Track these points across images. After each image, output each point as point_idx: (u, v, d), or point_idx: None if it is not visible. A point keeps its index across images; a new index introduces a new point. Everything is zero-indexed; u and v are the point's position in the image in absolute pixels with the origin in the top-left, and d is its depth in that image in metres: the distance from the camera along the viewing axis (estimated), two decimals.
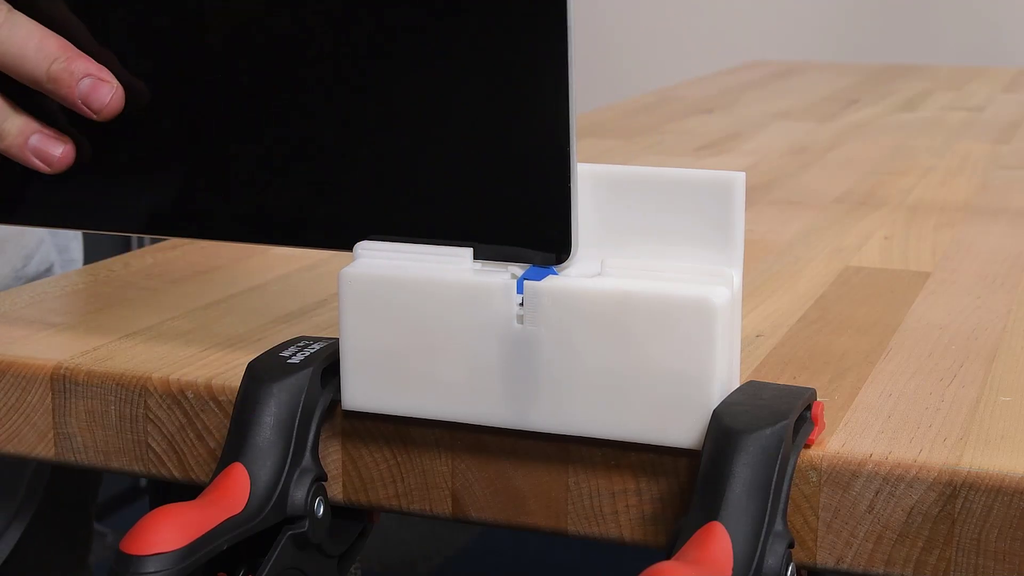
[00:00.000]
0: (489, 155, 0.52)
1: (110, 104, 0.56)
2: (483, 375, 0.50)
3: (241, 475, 0.50)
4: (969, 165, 1.11)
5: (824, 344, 0.61)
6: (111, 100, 0.56)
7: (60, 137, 0.58)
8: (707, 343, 0.48)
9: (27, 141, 0.57)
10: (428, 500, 0.54)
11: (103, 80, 0.56)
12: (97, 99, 0.56)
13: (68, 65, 0.56)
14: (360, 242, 0.54)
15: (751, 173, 1.04)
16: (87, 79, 0.56)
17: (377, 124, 0.54)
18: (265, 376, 0.52)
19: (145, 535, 0.45)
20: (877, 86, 1.68)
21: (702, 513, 0.45)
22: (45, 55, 0.56)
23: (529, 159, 0.51)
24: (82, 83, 0.56)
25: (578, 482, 0.52)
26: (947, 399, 0.54)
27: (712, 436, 0.47)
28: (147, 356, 0.60)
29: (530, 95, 0.50)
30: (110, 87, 0.56)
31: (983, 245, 0.81)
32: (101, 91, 0.56)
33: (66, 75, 0.56)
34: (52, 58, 0.56)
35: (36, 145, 0.57)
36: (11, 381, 0.60)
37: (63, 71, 0.56)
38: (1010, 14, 2.55)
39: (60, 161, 0.58)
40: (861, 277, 0.73)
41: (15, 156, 0.57)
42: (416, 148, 0.53)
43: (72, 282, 0.74)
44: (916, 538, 0.48)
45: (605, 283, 0.49)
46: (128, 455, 0.58)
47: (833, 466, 0.49)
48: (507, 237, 0.52)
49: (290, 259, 0.76)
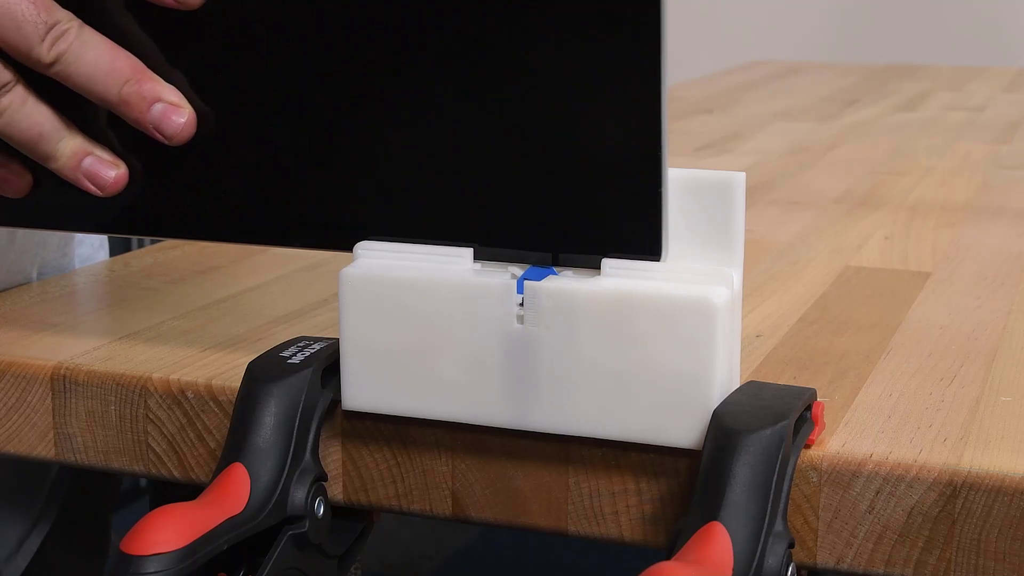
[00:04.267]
0: (579, 158, 0.51)
1: (183, 131, 0.54)
2: (483, 375, 0.50)
3: (241, 475, 0.50)
4: (969, 165, 1.11)
5: (824, 344, 0.61)
6: (184, 126, 0.54)
7: (114, 160, 0.56)
8: (707, 343, 0.48)
9: (80, 163, 0.55)
10: (428, 500, 0.54)
11: (176, 105, 0.54)
12: (170, 125, 0.54)
13: (139, 88, 0.54)
14: (360, 242, 0.54)
15: (751, 173, 1.04)
16: (159, 104, 0.54)
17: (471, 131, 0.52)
18: (265, 376, 0.52)
19: (145, 535, 0.45)
20: (877, 86, 1.68)
21: (702, 513, 0.45)
22: (117, 76, 0.54)
23: (621, 161, 0.50)
24: (154, 108, 0.54)
25: (578, 482, 0.52)
26: (947, 399, 0.54)
27: (712, 436, 0.47)
28: (147, 356, 0.60)
29: (623, 96, 0.49)
30: (182, 112, 0.54)
31: (983, 245, 0.81)
32: (174, 117, 0.54)
33: (137, 99, 0.54)
34: (124, 79, 0.54)
35: (88, 168, 0.55)
36: (11, 381, 0.60)
37: (134, 94, 0.54)
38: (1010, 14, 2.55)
39: (113, 185, 0.56)
40: (861, 277, 0.73)
41: (67, 177, 0.56)
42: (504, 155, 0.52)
43: (72, 282, 0.74)
44: (916, 538, 0.48)
45: (605, 283, 0.49)
46: (128, 455, 0.58)
47: (833, 466, 0.49)
48: (594, 241, 0.51)
49: (290, 259, 0.76)
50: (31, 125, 0.55)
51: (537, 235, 0.52)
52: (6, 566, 0.79)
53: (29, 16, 0.53)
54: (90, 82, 0.54)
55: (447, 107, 0.52)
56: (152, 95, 0.54)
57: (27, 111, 0.54)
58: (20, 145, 0.55)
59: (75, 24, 0.54)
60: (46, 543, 0.82)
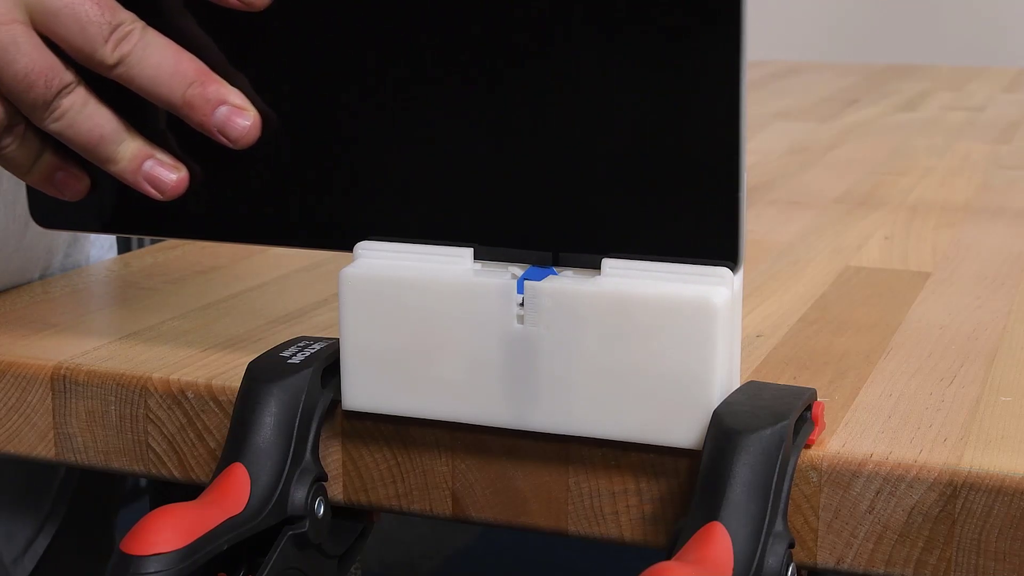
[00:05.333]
0: (656, 165, 0.50)
1: (248, 134, 0.54)
2: (483, 375, 0.50)
3: (241, 475, 0.50)
4: (969, 165, 1.11)
5: (824, 344, 0.61)
6: (249, 129, 0.53)
7: (175, 164, 0.55)
8: (707, 343, 0.48)
9: (141, 167, 0.54)
10: (428, 500, 0.54)
11: (240, 108, 0.53)
12: (234, 128, 0.53)
13: (204, 90, 0.53)
14: (360, 242, 0.54)
15: (751, 173, 1.04)
16: (223, 107, 0.53)
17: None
18: (265, 376, 0.52)
19: (145, 535, 0.45)
20: (877, 86, 1.68)
21: (702, 513, 0.45)
22: (181, 78, 0.53)
23: (699, 167, 0.49)
24: (219, 111, 0.53)
25: (578, 482, 0.52)
26: (947, 399, 0.54)
27: (712, 436, 0.47)
28: (147, 356, 0.60)
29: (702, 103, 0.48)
30: (247, 114, 0.53)
31: (983, 245, 0.81)
32: (239, 119, 0.53)
33: (202, 101, 0.53)
34: (188, 82, 0.53)
35: (149, 172, 0.54)
36: (11, 381, 0.60)
37: (199, 96, 0.53)
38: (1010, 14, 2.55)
39: (173, 189, 0.55)
40: (861, 277, 0.73)
41: (128, 181, 0.55)
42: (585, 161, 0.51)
43: (72, 282, 0.74)
44: (916, 538, 0.48)
45: (605, 283, 0.49)
46: (128, 455, 0.58)
47: (833, 466, 0.49)
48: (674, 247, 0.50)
49: (290, 259, 0.76)
50: (92, 127, 0.54)
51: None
52: (13, 568, 0.79)
53: (93, 17, 0.52)
54: (154, 84, 0.53)
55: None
56: (217, 98, 0.53)
57: (88, 112, 0.54)
58: (80, 147, 0.54)
59: (139, 25, 0.53)
60: (53, 545, 0.82)
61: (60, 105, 0.53)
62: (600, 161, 0.50)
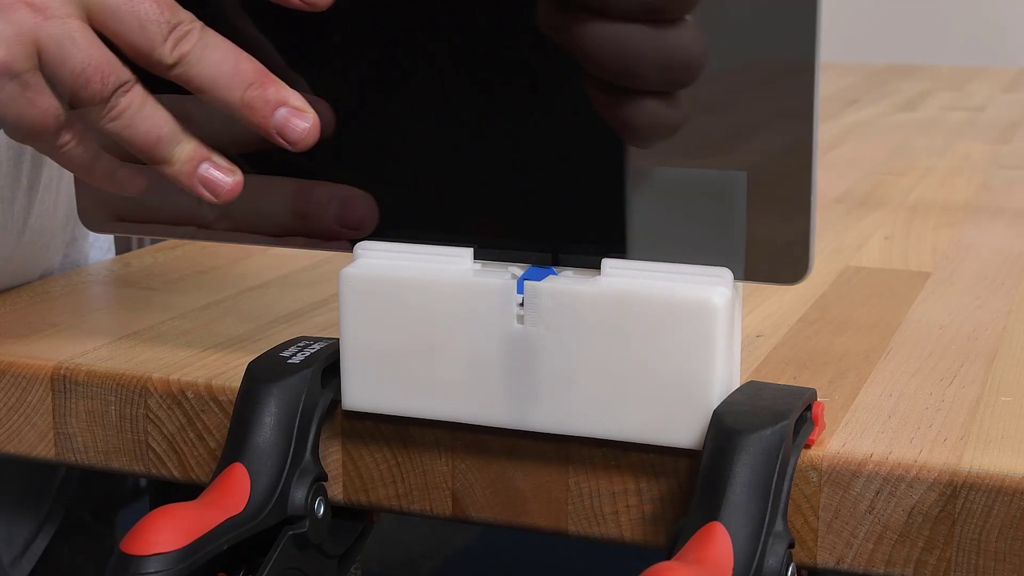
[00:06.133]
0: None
1: (307, 136, 0.52)
2: (483, 375, 0.50)
3: (241, 475, 0.50)
4: (969, 165, 1.11)
5: (824, 344, 0.61)
6: (308, 131, 0.52)
7: (230, 167, 0.53)
8: (707, 343, 0.48)
9: (196, 169, 0.53)
10: (428, 500, 0.54)
11: (299, 110, 0.52)
12: (293, 131, 0.52)
13: (263, 92, 0.51)
14: (360, 242, 0.54)
15: None
16: (283, 109, 0.52)
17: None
18: (265, 376, 0.52)
19: (145, 535, 0.45)
20: (877, 86, 1.68)
21: (702, 513, 0.45)
22: (240, 80, 0.51)
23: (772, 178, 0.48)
24: (278, 113, 0.52)
25: (578, 482, 0.52)
26: (947, 399, 0.54)
27: (712, 436, 0.47)
28: (147, 356, 0.60)
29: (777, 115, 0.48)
30: (306, 117, 0.52)
31: (983, 245, 0.81)
32: (298, 121, 0.52)
33: (261, 103, 0.51)
34: (247, 83, 0.51)
35: (205, 175, 0.53)
36: (11, 381, 0.60)
37: (258, 98, 0.51)
38: (1011, 14, 2.55)
39: (228, 193, 0.53)
40: (861, 277, 0.73)
41: (182, 184, 0.53)
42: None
43: (72, 282, 0.74)
44: (916, 538, 0.48)
45: (605, 283, 0.49)
46: (128, 455, 0.58)
47: (833, 466, 0.49)
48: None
49: (290, 259, 0.76)
50: (150, 128, 0.52)
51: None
52: (12, 569, 0.79)
53: (152, 15, 0.50)
54: (213, 85, 0.51)
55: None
56: (276, 99, 0.52)
57: (147, 113, 0.52)
58: (137, 148, 0.53)
59: (198, 25, 0.52)
60: (52, 545, 0.82)
61: (118, 104, 0.52)
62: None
